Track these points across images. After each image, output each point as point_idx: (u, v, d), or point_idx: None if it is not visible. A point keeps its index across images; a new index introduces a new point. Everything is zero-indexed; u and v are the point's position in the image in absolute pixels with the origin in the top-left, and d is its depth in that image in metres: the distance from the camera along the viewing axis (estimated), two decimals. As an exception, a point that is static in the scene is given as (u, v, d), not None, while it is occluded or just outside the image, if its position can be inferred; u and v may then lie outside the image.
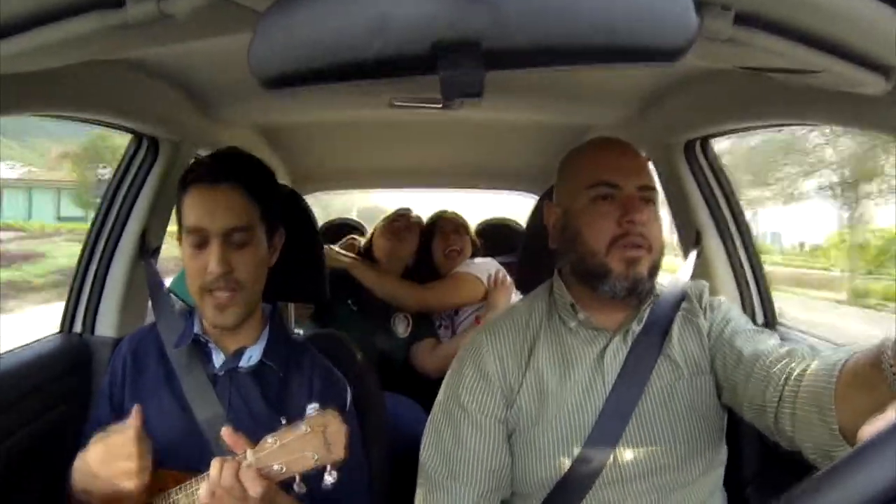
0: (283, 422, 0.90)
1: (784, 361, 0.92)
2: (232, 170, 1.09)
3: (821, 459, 0.83)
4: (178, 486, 0.99)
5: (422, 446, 1.09)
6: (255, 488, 0.86)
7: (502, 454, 1.04)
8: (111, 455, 0.94)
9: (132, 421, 0.94)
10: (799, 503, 0.39)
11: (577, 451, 1.01)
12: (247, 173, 1.11)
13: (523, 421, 1.04)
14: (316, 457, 0.87)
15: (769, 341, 1.01)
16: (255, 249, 1.09)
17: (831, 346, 0.89)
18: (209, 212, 1.06)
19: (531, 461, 1.03)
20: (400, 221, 2.27)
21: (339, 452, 0.88)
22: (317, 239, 1.38)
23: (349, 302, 2.12)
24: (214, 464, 0.89)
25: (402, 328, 2.21)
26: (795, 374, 0.88)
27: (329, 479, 0.88)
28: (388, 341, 2.17)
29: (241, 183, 1.08)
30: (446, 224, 2.34)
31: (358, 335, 1.42)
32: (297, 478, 0.88)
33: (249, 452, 0.89)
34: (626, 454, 1.01)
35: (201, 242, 1.06)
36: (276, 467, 0.87)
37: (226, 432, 0.91)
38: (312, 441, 0.87)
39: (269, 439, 0.89)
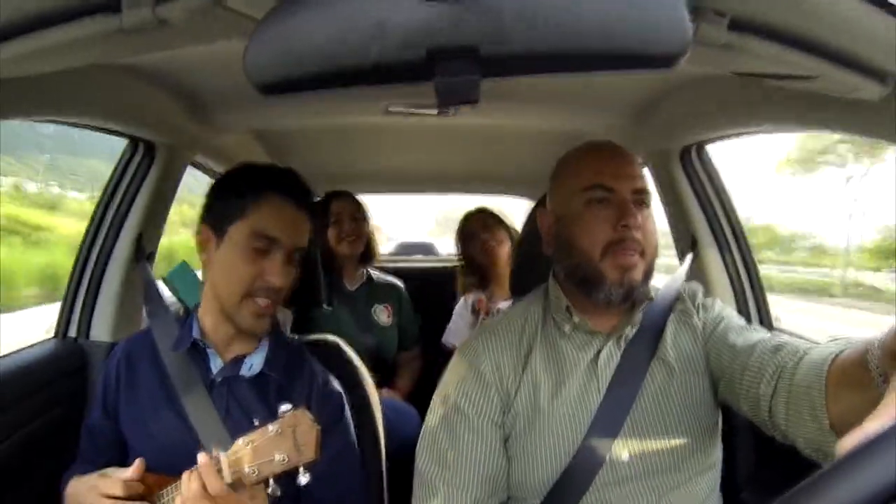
0: (256, 423, 0.89)
1: (779, 354, 0.93)
2: (307, 195, 1.16)
3: (813, 454, 0.84)
4: (162, 490, 0.99)
5: (417, 450, 1.08)
6: (211, 485, 0.87)
7: (498, 458, 1.04)
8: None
9: (132, 471, 0.99)
10: None
11: (572, 454, 1.01)
12: (312, 200, 1.17)
13: (519, 425, 1.04)
14: (286, 458, 0.86)
15: (762, 335, 1.02)
16: (297, 268, 1.13)
17: (824, 341, 0.89)
18: (288, 227, 1.09)
19: (527, 465, 1.03)
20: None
21: (309, 453, 0.86)
22: (313, 245, 1.38)
23: (322, 305, 2.12)
24: (184, 477, 0.90)
25: (384, 317, 2.23)
26: (789, 367, 0.89)
27: (303, 480, 0.87)
28: (374, 334, 2.18)
29: (310, 210, 1.15)
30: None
31: (340, 335, 1.41)
32: (271, 480, 0.88)
33: (222, 455, 0.88)
34: (622, 456, 1.01)
35: (266, 251, 1.08)
36: (247, 470, 0.86)
37: (202, 458, 0.91)
38: (282, 442, 0.86)
39: (241, 441, 0.88)
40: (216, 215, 1.11)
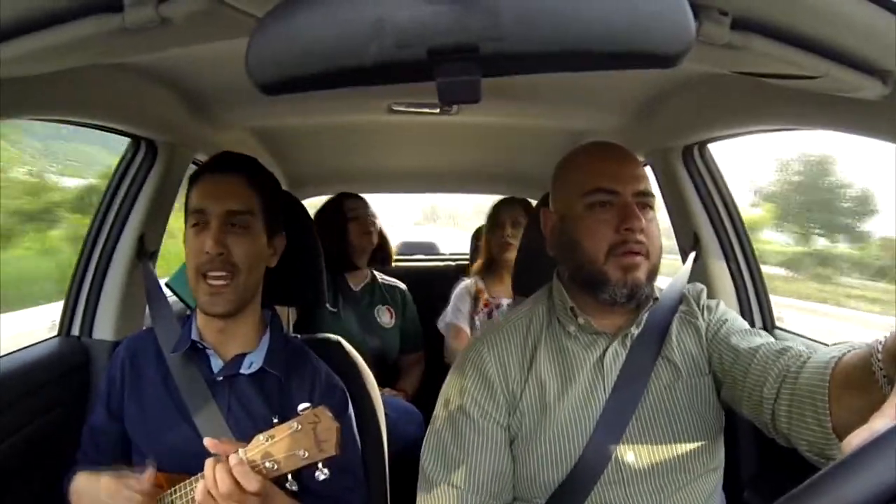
0: (276, 420, 0.90)
1: (781, 359, 0.93)
2: (236, 163, 1.16)
3: (816, 457, 0.84)
4: (172, 489, 0.99)
5: (423, 451, 1.08)
6: (250, 484, 0.86)
7: (505, 459, 1.04)
8: (120, 494, 0.99)
9: (146, 478, 0.99)
10: None
11: (578, 454, 1.01)
12: (249, 167, 1.18)
13: (525, 426, 1.04)
14: (307, 454, 0.87)
15: (765, 339, 1.02)
16: (252, 237, 1.12)
17: (826, 344, 0.89)
18: (212, 195, 1.11)
19: (533, 466, 1.03)
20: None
21: (330, 449, 0.87)
22: (315, 242, 1.38)
23: (326, 305, 2.11)
24: (208, 464, 0.89)
25: (386, 318, 2.24)
26: (791, 371, 0.89)
27: (321, 476, 0.88)
28: (376, 335, 2.19)
29: (244, 174, 1.14)
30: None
31: (345, 336, 1.41)
32: (290, 475, 0.88)
33: (241, 451, 0.88)
34: (627, 456, 1.01)
35: (202, 224, 1.10)
36: (267, 465, 0.87)
37: (208, 442, 0.91)
38: (303, 439, 0.87)
39: (261, 437, 0.89)
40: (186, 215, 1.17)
